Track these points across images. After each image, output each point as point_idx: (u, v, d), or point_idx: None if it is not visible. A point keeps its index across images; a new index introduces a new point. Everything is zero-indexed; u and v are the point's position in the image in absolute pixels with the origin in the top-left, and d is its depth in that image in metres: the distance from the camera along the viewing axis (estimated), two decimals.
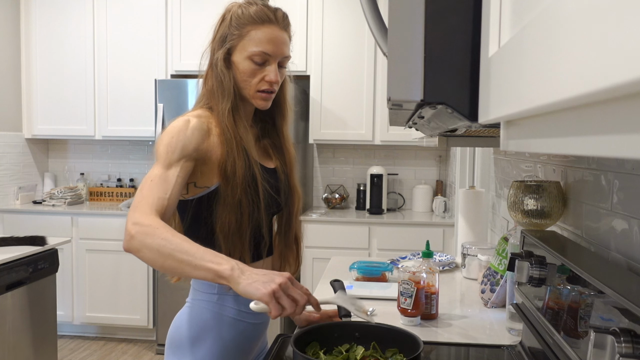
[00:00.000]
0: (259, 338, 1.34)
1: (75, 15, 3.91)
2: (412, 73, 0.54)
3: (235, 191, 1.19)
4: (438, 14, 0.54)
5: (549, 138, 0.36)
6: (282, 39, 1.23)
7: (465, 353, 1.32)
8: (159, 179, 1.10)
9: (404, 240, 3.42)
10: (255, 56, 1.21)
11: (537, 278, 1.02)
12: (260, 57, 1.21)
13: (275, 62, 1.22)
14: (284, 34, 1.24)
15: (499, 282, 1.61)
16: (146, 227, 1.01)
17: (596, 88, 0.24)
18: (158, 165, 1.13)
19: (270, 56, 1.21)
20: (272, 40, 1.21)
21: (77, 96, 3.94)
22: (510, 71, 0.40)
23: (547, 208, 1.34)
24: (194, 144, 1.16)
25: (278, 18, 1.23)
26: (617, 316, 0.71)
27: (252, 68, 1.21)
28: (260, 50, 1.20)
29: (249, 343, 1.29)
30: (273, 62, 1.22)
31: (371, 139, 3.73)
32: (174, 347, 1.25)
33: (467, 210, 2.26)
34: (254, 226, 1.25)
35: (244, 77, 1.23)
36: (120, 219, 3.68)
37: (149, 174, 1.13)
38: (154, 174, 1.11)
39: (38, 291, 2.56)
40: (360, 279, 1.92)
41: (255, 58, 1.21)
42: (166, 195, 1.09)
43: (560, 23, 0.29)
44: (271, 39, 1.21)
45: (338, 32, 3.70)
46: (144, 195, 1.08)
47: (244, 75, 1.22)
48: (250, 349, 1.31)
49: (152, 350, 3.62)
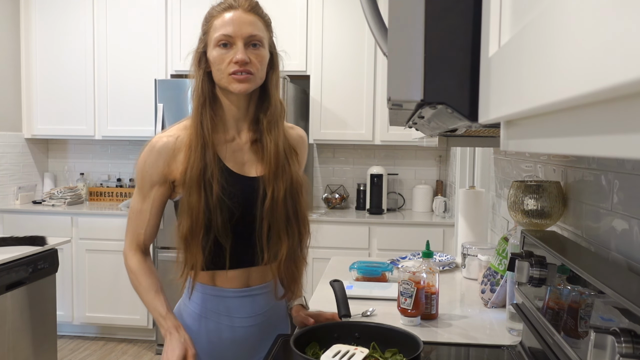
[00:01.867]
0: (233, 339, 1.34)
1: (75, 15, 3.91)
2: (412, 73, 0.54)
3: (188, 192, 1.24)
4: (438, 14, 0.54)
5: (549, 138, 0.36)
6: (245, 19, 1.23)
7: (465, 353, 1.32)
8: (136, 215, 1.31)
9: (404, 240, 3.42)
10: (219, 42, 1.23)
11: (537, 278, 1.02)
12: (223, 40, 1.22)
13: (240, 42, 1.22)
14: (249, 15, 1.24)
15: (499, 282, 1.61)
16: (128, 269, 1.34)
17: (596, 88, 0.24)
18: (136, 194, 1.32)
19: (231, 37, 1.22)
20: (232, 21, 1.22)
21: (77, 96, 3.94)
22: (511, 71, 0.39)
23: (547, 208, 1.34)
24: (159, 170, 1.27)
25: (240, 3, 1.25)
26: (617, 316, 0.71)
27: (220, 54, 1.23)
28: (220, 33, 1.22)
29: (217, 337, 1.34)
30: (238, 42, 1.22)
31: (371, 139, 3.73)
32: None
33: (467, 210, 2.26)
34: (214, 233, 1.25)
35: (216, 67, 1.25)
36: (120, 219, 3.67)
37: (131, 204, 1.33)
38: (133, 206, 1.32)
39: (38, 291, 2.55)
40: (360, 279, 1.92)
41: (219, 44, 1.23)
42: (142, 230, 1.32)
43: (560, 23, 0.29)
44: (231, 21, 1.22)
45: (338, 32, 3.70)
46: (128, 228, 1.34)
47: (216, 64, 1.24)
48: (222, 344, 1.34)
49: (152, 350, 3.62)
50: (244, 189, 1.28)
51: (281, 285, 1.39)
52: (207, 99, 1.27)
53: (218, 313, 1.33)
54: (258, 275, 1.35)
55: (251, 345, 1.36)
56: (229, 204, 1.24)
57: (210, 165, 1.23)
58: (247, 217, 1.28)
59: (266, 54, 1.27)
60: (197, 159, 1.23)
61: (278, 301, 1.40)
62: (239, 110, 1.30)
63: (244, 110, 1.31)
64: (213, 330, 1.33)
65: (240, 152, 1.31)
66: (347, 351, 1.12)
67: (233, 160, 1.29)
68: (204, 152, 1.24)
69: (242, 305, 1.33)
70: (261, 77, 1.27)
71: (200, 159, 1.23)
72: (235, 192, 1.26)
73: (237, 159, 1.30)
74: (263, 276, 1.36)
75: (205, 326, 1.33)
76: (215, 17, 1.25)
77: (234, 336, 1.33)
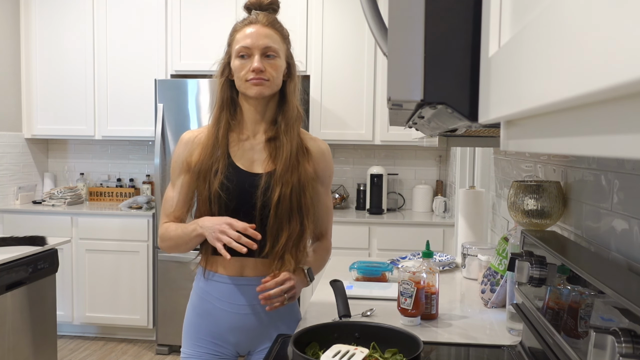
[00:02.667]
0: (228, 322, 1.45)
1: (75, 15, 3.91)
2: (412, 73, 0.54)
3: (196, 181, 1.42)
4: (438, 14, 0.54)
5: (549, 138, 0.36)
6: (262, 32, 1.39)
7: (465, 353, 1.32)
8: (166, 201, 1.51)
9: (404, 240, 3.42)
10: (239, 53, 1.40)
11: (537, 278, 1.02)
12: (242, 52, 1.39)
13: (257, 53, 1.38)
14: (266, 29, 1.40)
15: (499, 282, 1.61)
16: (160, 239, 1.50)
17: (596, 88, 0.24)
18: (169, 184, 1.51)
19: (249, 48, 1.38)
20: (250, 35, 1.39)
21: (77, 96, 3.94)
22: (511, 71, 0.39)
23: (547, 208, 1.34)
24: (182, 158, 1.47)
25: (260, 18, 1.41)
26: (617, 316, 0.71)
27: (240, 63, 1.40)
28: (240, 45, 1.39)
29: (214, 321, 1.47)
30: (255, 53, 1.38)
31: (371, 139, 3.73)
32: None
33: (467, 210, 2.26)
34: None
35: (236, 75, 1.41)
36: (120, 219, 3.68)
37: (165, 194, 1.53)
38: (165, 194, 1.52)
39: (38, 291, 2.55)
40: (360, 279, 1.92)
41: (239, 54, 1.39)
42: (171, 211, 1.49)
43: (560, 23, 0.29)
44: (250, 34, 1.39)
45: (338, 32, 3.70)
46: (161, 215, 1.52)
47: (236, 72, 1.41)
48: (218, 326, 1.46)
49: (152, 350, 3.62)
50: (243, 184, 1.41)
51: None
52: (225, 103, 1.44)
53: (215, 297, 1.45)
54: (254, 267, 1.44)
55: (252, 334, 1.46)
56: (224, 196, 1.39)
57: (217, 161, 1.40)
58: (243, 209, 1.40)
59: (281, 63, 1.42)
60: (207, 155, 1.41)
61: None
62: (256, 114, 1.45)
63: (261, 114, 1.45)
64: (212, 312, 1.46)
65: (251, 151, 1.45)
66: (347, 351, 1.12)
67: (243, 158, 1.44)
68: (214, 149, 1.41)
69: (232, 292, 1.44)
70: (277, 84, 1.42)
71: (209, 155, 1.41)
72: (232, 186, 1.39)
73: (247, 157, 1.44)
74: (259, 269, 1.44)
75: (206, 307, 1.47)
76: (237, 31, 1.42)
77: (231, 321, 1.45)
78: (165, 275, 3.51)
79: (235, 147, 1.44)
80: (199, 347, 1.46)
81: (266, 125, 1.46)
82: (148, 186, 4.06)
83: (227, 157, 1.42)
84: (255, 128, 1.46)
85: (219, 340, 1.46)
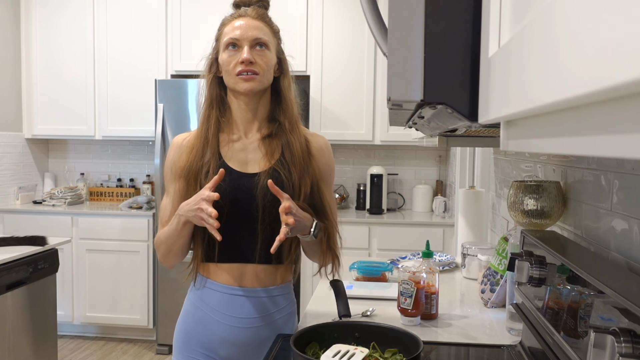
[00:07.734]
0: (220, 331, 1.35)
1: (76, 15, 3.91)
2: (412, 73, 0.54)
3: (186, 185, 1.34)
4: (438, 14, 0.54)
5: (549, 138, 0.36)
6: (252, 24, 1.33)
7: (465, 353, 1.33)
8: (160, 210, 1.44)
9: (404, 240, 3.42)
10: (227, 45, 1.33)
11: (537, 278, 1.02)
12: (230, 44, 1.32)
13: (246, 45, 1.31)
14: (255, 21, 1.34)
15: (499, 282, 1.61)
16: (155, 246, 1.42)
17: (596, 88, 0.24)
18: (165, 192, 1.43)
19: (238, 40, 1.31)
20: (240, 27, 1.32)
21: (77, 96, 3.94)
22: (510, 71, 0.40)
23: (547, 208, 1.34)
24: (171, 163, 1.39)
25: (248, 11, 1.35)
26: (617, 316, 0.71)
27: (228, 56, 1.32)
28: (228, 37, 1.32)
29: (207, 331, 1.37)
30: (244, 45, 1.31)
31: (371, 139, 3.73)
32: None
33: (467, 210, 2.26)
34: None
35: (225, 69, 1.33)
36: (120, 219, 3.68)
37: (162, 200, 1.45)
38: (161, 202, 1.44)
39: (38, 291, 2.56)
40: (360, 279, 1.92)
41: (228, 47, 1.32)
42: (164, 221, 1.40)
43: (560, 23, 0.29)
44: (239, 26, 1.32)
45: (338, 32, 3.70)
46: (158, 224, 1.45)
47: (224, 66, 1.33)
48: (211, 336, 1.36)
49: (152, 350, 3.62)
50: (239, 185, 1.32)
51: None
52: (214, 101, 1.37)
53: (208, 305, 1.36)
54: (253, 275, 1.35)
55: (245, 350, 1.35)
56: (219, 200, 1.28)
57: (208, 162, 1.33)
58: (240, 211, 1.32)
59: (272, 56, 1.35)
60: (196, 157, 1.34)
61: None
62: (248, 112, 1.37)
63: (253, 112, 1.37)
64: (205, 321, 1.36)
65: (244, 152, 1.36)
66: (347, 351, 1.12)
67: (235, 159, 1.36)
68: (203, 151, 1.34)
69: (228, 302, 1.34)
70: (268, 79, 1.34)
71: (199, 157, 1.33)
72: (227, 188, 1.30)
73: (239, 158, 1.36)
74: (259, 279, 1.35)
75: (199, 316, 1.37)
76: (225, 25, 1.35)
77: (223, 333, 1.34)
78: (166, 275, 3.51)
79: (226, 148, 1.36)
80: (189, 358, 1.37)
81: (259, 123, 1.37)
82: (148, 186, 4.06)
83: (218, 158, 1.34)
84: (247, 127, 1.37)
85: (210, 352, 1.36)
